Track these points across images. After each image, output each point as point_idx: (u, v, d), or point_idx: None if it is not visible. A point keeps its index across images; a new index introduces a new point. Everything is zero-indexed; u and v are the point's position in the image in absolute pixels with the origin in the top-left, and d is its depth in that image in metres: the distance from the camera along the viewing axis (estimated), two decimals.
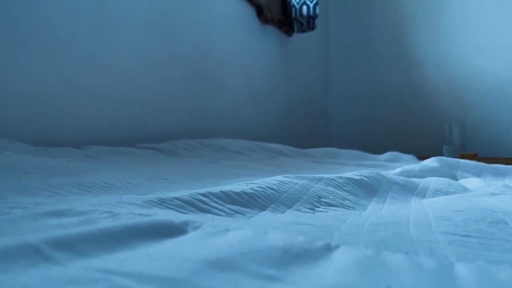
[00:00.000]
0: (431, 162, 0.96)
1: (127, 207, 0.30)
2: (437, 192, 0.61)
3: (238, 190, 0.39)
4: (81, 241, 0.21)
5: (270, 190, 0.42)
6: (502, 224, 0.34)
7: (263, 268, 0.20)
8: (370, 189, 0.54)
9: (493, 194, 0.56)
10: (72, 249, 0.20)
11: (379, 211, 0.44)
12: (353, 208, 0.44)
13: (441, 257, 0.23)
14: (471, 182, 0.79)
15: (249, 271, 0.20)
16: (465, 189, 0.67)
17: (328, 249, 0.23)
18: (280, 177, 0.48)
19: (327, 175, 0.53)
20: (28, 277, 0.17)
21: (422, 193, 0.60)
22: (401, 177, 0.65)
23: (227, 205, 0.36)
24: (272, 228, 0.26)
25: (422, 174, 0.82)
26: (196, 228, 0.25)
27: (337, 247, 0.23)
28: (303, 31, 1.97)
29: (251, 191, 0.40)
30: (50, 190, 0.44)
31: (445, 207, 0.41)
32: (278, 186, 0.44)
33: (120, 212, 0.28)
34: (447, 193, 0.61)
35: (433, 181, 0.67)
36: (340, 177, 0.53)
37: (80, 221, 0.26)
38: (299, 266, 0.21)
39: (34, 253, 0.19)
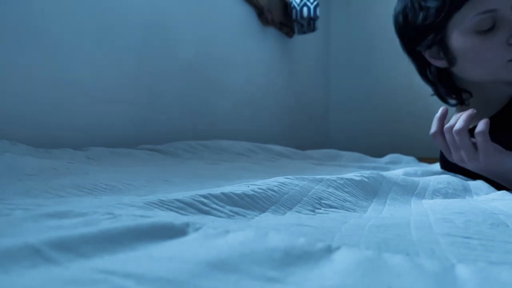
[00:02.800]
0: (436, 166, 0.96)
1: (128, 209, 0.30)
2: (435, 193, 0.61)
3: (239, 192, 0.39)
4: (82, 242, 0.21)
5: (271, 192, 0.42)
6: (503, 227, 0.34)
7: (264, 270, 0.20)
8: (370, 190, 0.54)
9: (493, 199, 0.56)
10: (73, 251, 0.21)
11: (380, 213, 0.44)
12: (354, 210, 0.44)
13: (442, 258, 0.23)
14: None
15: (250, 272, 0.20)
16: (464, 189, 0.67)
17: (329, 250, 0.23)
18: (281, 178, 0.48)
19: (327, 176, 0.53)
20: (29, 278, 0.17)
21: (422, 193, 0.60)
22: (401, 177, 0.65)
23: (228, 207, 0.36)
24: (273, 230, 0.26)
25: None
26: (197, 229, 0.25)
27: (338, 248, 0.23)
28: (304, 33, 1.97)
29: (252, 192, 0.40)
30: (50, 192, 0.44)
31: (446, 209, 0.41)
32: (279, 187, 0.44)
33: (121, 213, 0.28)
34: (446, 194, 0.61)
35: (432, 180, 0.67)
36: (341, 178, 0.53)
37: (81, 222, 0.26)
38: (300, 268, 0.21)
39: (35, 255, 0.19)
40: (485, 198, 0.59)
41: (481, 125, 0.72)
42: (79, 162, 0.72)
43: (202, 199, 0.35)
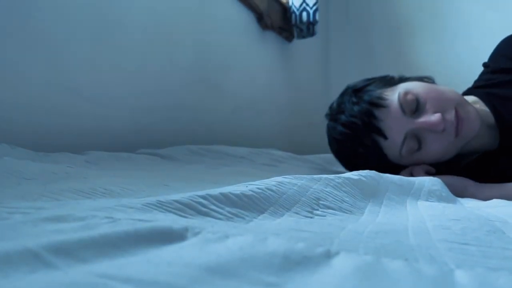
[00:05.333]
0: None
1: (127, 211, 0.30)
2: (431, 194, 0.61)
3: (238, 192, 0.39)
4: (82, 246, 0.21)
5: (269, 192, 0.42)
6: (499, 233, 0.34)
7: (263, 275, 0.20)
8: (367, 189, 0.54)
9: (487, 206, 0.56)
10: (72, 255, 0.21)
11: (376, 216, 0.44)
12: (351, 211, 0.44)
13: (441, 264, 0.23)
14: None
15: (249, 277, 0.20)
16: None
17: (328, 255, 0.23)
18: (279, 178, 0.48)
19: (325, 175, 0.53)
20: (28, 283, 0.17)
21: (417, 193, 0.60)
22: (397, 176, 0.66)
23: (227, 208, 0.36)
24: (272, 235, 0.26)
25: None
26: (196, 234, 0.25)
27: (337, 253, 0.23)
28: (303, 37, 1.97)
29: (250, 193, 0.40)
30: (49, 196, 0.44)
31: (443, 215, 0.41)
32: (277, 187, 0.44)
33: (120, 217, 0.28)
34: (440, 196, 0.61)
35: (428, 181, 0.68)
36: (339, 177, 0.53)
37: (80, 226, 0.26)
38: (299, 273, 0.21)
39: (34, 259, 0.19)
40: (479, 205, 0.60)
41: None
42: (78, 166, 0.72)
43: (201, 200, 0.35)
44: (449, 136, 0.84)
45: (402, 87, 0.89)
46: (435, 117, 0.82)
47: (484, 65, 1.09)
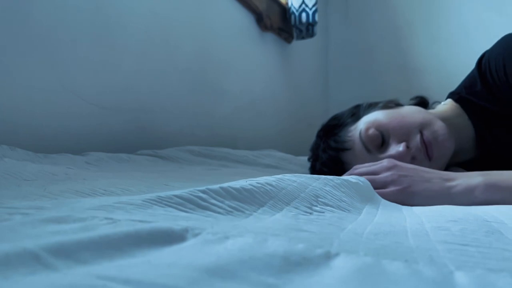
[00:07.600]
0: None
1: (127, 208, 0.30)
2: None
3: (237, 186, 0.39)
4: (81, 248, 0.21)
5: (269, 186, 0.42)
6: (497, 234, 0.34)
7: (263, 277, 0.20)
8: (364, 193, 0.55)
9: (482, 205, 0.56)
10: (72, 257, 0.20)
11: (374, 217, 0.44)
12: (349, 210, 0.45)
13: (440, 265, 0.23)
14: None
15: (249, 279, 0.20)
16: None
17: (328, 257, 0.23)
18: (279, 175, 0.48)
19: (324, 176, 0.54)
20: (28, 284, 0.17)
21: None
22: None
23: (227, 202, 0.36)
24: (272, 235, 0.26)
25: None
26: (196, 235, 0.25)
27: (337, 254, 0.23)
28: (303, 38, 1.97)
29: (250, 187, 0.40)
30: (49, 197, 0.44)
31: (440, 216, 0.42)
32: (277, 182, 0.44)
33: (120, 218, 0.28)
34: None
35: None
36: (338, 178, 0.54)
37: (80, 227, 0.26)
38: (299, 274, 0.21)
39: (34, 261, 0.19)
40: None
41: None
42: (78, 167, 0.72)
43: (201, 194, 0.35)
44: (422, 162, 0.78)
45: (363, 121, 0.86)
46: (399, 148, 0.78)
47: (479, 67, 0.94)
